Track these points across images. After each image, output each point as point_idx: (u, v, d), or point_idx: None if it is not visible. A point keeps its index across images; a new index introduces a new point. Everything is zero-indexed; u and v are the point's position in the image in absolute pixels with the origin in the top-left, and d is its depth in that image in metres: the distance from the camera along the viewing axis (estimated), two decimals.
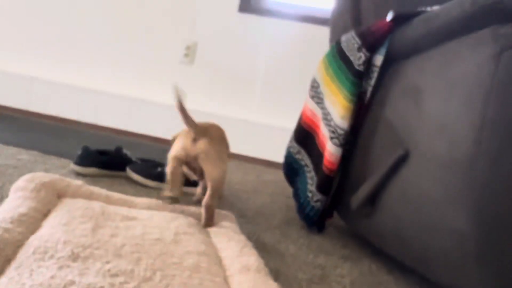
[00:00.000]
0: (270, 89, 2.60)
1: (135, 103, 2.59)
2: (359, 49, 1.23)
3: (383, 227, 1.16)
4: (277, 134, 2.54)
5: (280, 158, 2.58)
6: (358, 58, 1.22)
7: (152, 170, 1.60)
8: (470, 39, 0.88)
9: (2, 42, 2.71)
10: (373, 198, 1.18)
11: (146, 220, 1.03)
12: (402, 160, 1.06)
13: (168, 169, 1.17)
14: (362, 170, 1.25)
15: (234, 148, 2.59)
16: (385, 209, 1.13)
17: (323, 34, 2.55)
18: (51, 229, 0.87)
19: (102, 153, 1.62)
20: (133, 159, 1.65)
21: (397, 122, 1.10)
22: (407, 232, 1.04)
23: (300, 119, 1.55)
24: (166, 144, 2.29)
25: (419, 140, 1.00)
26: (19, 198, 0.96)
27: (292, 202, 1.72)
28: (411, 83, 1.07)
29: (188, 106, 2.57)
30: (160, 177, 1.57)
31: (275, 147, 2.54)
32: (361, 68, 1.21)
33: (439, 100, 0.94)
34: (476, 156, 0.84)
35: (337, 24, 1.72)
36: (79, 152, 1.56)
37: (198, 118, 1.80)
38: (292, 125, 2.57)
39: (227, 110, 2.60)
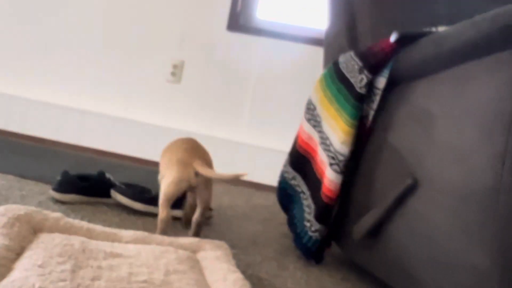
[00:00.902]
0: (260, 109, 2.53)
1: (119, 123, 2.49)
2: (360, 71, 1.16)
3: (388, 260, 1.08)
4: (267, 156, 2.46)
5: (269, 180, 2.51)
6: (359, 80, 1.16)
7: (139, 194, 1.50)
8: (487, 61, 0.82)
9: None
10: (377, 229, 1.10)
11: (133, 258, 0.93)
12: (410, 189, 0.98)
13: (161, 215, 1.20)
14: (364, 198, 1.18)
15: (222, 170, 2.50)
16: (391, 241, 1.05)
17: (314, 54, 2.50)
18: (25, 272, 0.77)
19: (83, 178, 1.51)
20: (117, 184, 1.55)
21: (404, 149, 1.03)
22: (417, 267, 0.96)
23: (295, 142, 1.47)
24: (151, 165, 2.19)
25: (429, 169, 0.93)
26: None
27: (286, 229, 1.63)
28: (419, 108, 1.00)
29: (175, 126, 2.48)
30: (147, 200, 1.47)
31: (265, 169, 2.46)
32: (362, 90, 1.15)
33: (453, 127, 0.87)
34: (497, 188, 0.77)
35: (332, 45, 1.66)
36: (58, 177, 1.46)
37: None
38: (282, 146, 2.50)
39: (215, 130, 2.51)
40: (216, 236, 1.42)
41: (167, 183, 1.19)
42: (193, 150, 1.23)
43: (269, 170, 2.46)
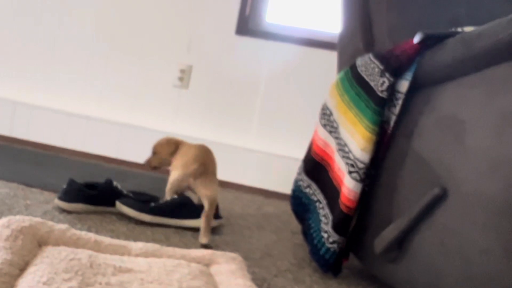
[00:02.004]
0: (269, 114, 2.47)
1: (126, 129, 2.44)
2: (381, 74, 1.10)
3: (414, 276, 1.01)
4: (276, 163, 2.40)
5: (280, 187, 2.45)
6: (380, 83, 1.10)
7: (145, 203, 1.44)
8: None
9: None
10: (401, 241, 1.04)
11: (144, 273, 0.87)
12: (438, 200, 0.92)
13: (204, 217, 1.37)
14: (386, 207, 1.11)
15: (231, 177, 2.45)
16: (417, 255, 0.99)
17: (325, 58, 2.45)
18: None
19: (90, 186, 1.46)
20: (125, 192, 1.49)
21: (430, 156, 0.97)
22: (447, 285, 0.90)
23: (310, 149, 1.41)
24: (158, 172, 2.13)
25: (460, 179, 0.87)
26: None
27: (299, 239, 1.57)
28: (447, 113, 0.94)
29: (182, 132, 2.43)
30: (155, 210, 1.42)
31: (275, 176, 2.40)
32: (384, 94, 1.09)
33: (488, 134, 0.81)
34: None
35: (346, 48, 1.61)
36: (64, 185, 1.40)
37: None
38: (292, 153, 2.45)
39: (223, 136, 2.46)
40: (228, 247, 1.36)
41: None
42: (198, 158, 1.52)
43: (279, 177, 2.40)
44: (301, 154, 2.30)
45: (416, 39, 1.04)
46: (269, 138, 2.46)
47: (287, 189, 2.31)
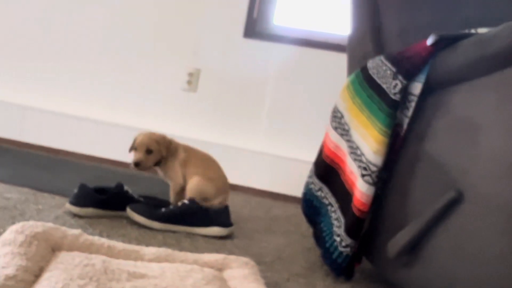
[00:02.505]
0: (277, 117, 2.46)
1: (135, 133, 2.43)
2: (394, 76, 1.09)
3: (428, 280, 1.00)
4: (285, 165, 2.39)
5: (288, 190, 2.44)
6: (393, 86, 1.09)
7: (155, 209, 1.44)
8: None
9: None
10: (415, 245, 1.03)
11: (158, 278, 0.87)
12: (454, 203, 0.91)
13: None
14: (399, 211, 1.11)
15: (239, 180, 2.44)
16: (432, 259, 0.98)
17: (333, 60, 2.43)
18: None
19: (101, 191, 1.46)
20: (135, 196, 1.49)
21: (444, 160, 0.96)
22: None
23: (321, 152, 1.40)
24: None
25: (476, 182, 0.86)
26: (6, 255, 0.80)
27: (310, 242, 1.56)
28: (461, 115, 0.93)
29: (191, 136, 2.43)
30: (165, 217, 1.42)
31: (283, 178, 2.39)
32: (397, 97, 1.08)
33: (505, 137, 0.80)
34: None
35: (356, 50, 1.60)
36: (75, 190, 1.40)
37: (200, 148, 1.71)
38: (301, 155, 2.44)
39: (232, 139, 2.45)
40: (239, 251, 1.36)
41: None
42: (198, 167, 1.59)
43: (287, 180, 2.39)
44: (309, 156, 2.28)
45: (430, 41, 1.03)
46: (277, 141, 2.46)
47: (295, 191, 2.30)
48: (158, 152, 1.56)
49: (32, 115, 2.46)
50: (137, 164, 1.53)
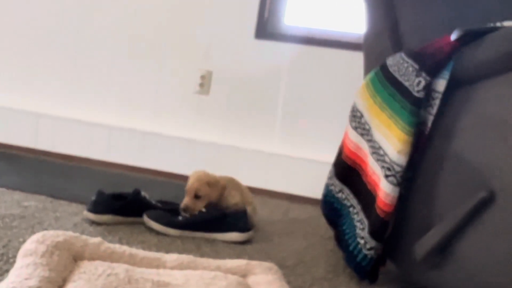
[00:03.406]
0: (291, 118, 2.44)
1: (149, 138, 2.43)
2: (417, 73, 1.06)
3: (459, 283, 0.97)
4: (300, 167, 2.36)
5: (305, 191, 2.41)
6: (416, 83, 1.06)
7: (172, 216, 1.42)
8: None
9: (6, 79, 2.58)
10: (445, 247, 1.00)
11: (182, 286, 0.85)
12: (485, 203, 0.88)
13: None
14: (425, 212, 1.07)
15: (254, 182, 2.42)
16: (462, 261, 0.95)
17: (346, 59, 2.40)
18: None
19: (118, 197, 1.45)
20: (153, 202, 1.48)
21: (473, 158, 0.93)
22: None
23: (341, 152, 1.38)
24: (183, 180, 2.11)
25: (509, 181, 0.83)
26: (28, 266, 0.79)
27: (331, 245, 1.54)
28: (489, 112, 0.90)
29: (205, 139, 2.41)
30: (182, 224, 1.39)
31: (299, 180, 2.37)
32: (420, 94, 1.05)
33: None
34: None
35: (372, 47, 1.57)
36: (93, 197, 1.39)
37: (215, 152, 1.67)
38: (317, 156, 2.41)
39: (246, 142, 2.43)
40: (260, 255, 1.33)
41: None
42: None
43: (303, 181, 2.36)
44: (325, 156, 2.26)
45: (454, 36, 1.00)
46: (292, 142, 2.43)
47: (312, 193, 2.27)
48: (207, 196, 1.50)
49: (46, 123, 2.46)
50: (184, 210, 1.47)
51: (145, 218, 1.40)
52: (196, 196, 1.48)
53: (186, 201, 1.48)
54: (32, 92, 2.55)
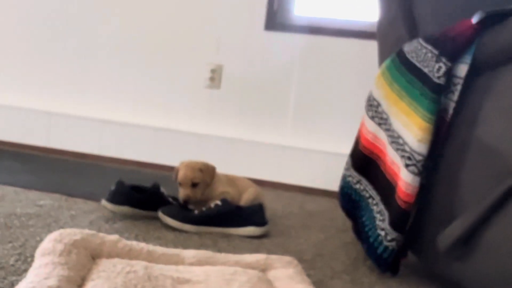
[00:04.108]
0: (304, 109, 2.41)
1: (160, 133, 2.42)
2: (437, 59, 1.03)
3: (485, 274, 0.94)
4: (314, 159, 2.34)
5: (319, 184, 2.38)
6: (436, 69, 1.03)
7: (187, 211, 1.40)
8: None
9: (18, 79, 2.58)
10: (470, 237, 0.97)
11: (202, 283, 0.84)
12: None
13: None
14: (448, 202, 1.04)
15: (269, 175, 2.40)
16: (489, 252, 0.92)
17: (359, 48, 2.36)
18: None
19: (137, 189, 1.43)
20: (170, 199, 1.46)
21: (498, 145, 0.90)
22: None
23: (358, 143, 1.35)
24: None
25: None
26: (46, 266, 0.78)
27: (348, 237, 1.51)
28: None
29: (217, 133, 2.39)
30: (198, 220, 1.38)
31: (313, 172, 2.34)
32: (441, 80, 1.02)
33: None
34: None
35: (387, 34, 1.53)
36: (112, 187, 1.38)
37: (227, 145, 1.63)
38: (330, 147, 2.38)
39: (259, 135, 2.41)
40: (278, 249, 1.31)
41: (230, 196, 1.55)
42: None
43: (317, 173, 2.34)
44: (339, 148, 2.23)
45: (476, 19, 0.96)
46: (305, 134, 2.40)
47: (327, 185, 2.25)
48: (203, 182, 1.48)
49: (58, 121, 2.46)
50: (186, 202, 1.45)
51: (160, 215, 1.39)
52: (193, 185, 1.46)
53: (185, 192, 1.45)
54: (44, 91, 2.55)
